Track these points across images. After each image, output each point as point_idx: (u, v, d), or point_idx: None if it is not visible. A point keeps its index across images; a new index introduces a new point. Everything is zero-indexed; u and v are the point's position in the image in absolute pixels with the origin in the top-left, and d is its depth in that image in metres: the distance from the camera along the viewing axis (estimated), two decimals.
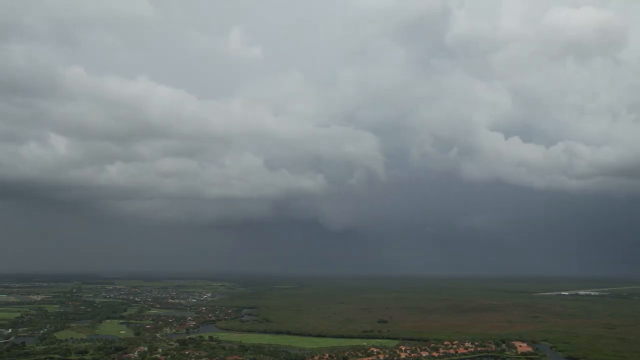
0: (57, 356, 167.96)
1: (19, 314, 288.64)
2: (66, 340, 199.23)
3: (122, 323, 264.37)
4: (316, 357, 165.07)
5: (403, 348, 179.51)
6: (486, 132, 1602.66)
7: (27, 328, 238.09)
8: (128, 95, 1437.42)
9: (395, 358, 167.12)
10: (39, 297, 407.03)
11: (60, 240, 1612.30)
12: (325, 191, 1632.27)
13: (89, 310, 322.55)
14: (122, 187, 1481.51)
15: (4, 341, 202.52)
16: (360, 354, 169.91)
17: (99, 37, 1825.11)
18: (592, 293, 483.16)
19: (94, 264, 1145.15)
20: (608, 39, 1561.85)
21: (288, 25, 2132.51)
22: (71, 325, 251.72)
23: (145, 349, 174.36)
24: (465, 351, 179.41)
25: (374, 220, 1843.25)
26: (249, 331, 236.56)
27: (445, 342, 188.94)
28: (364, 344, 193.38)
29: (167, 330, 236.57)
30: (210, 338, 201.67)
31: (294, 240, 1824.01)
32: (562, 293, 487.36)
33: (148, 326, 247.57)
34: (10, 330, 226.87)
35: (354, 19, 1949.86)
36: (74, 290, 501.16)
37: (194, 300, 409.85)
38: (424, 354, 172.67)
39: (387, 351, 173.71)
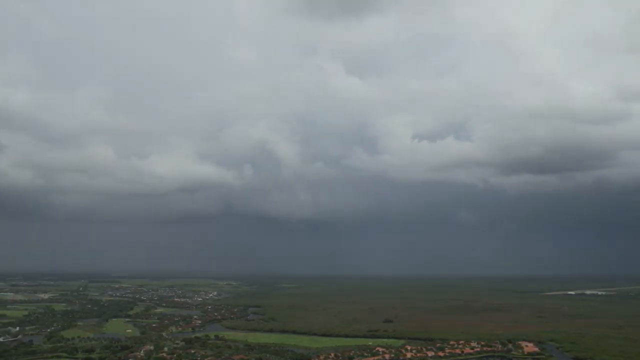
0: (64, 355, 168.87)
1: (26, 313, 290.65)
2: (73, 338, 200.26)
3: (128, 322, 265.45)
4: (322, 357, 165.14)
5: (409, 348, 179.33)
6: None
7: (34, 326, 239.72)
8: None
9: (401, 358, 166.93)
10: (46, 296, 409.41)
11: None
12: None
13: (95, 308, 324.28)
14: None
15: (11, 339, 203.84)
16: (366, 354, 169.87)
17: None
18: (599, 293, 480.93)
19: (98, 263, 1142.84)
20: None
21: None
22: (78, 323, 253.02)
23: (152, 347, 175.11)
24: (471, 351, 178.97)
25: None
26: (255, 330, 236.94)
27: (451, 342, 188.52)
28: (370, 343, 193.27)
29: (173, 329, 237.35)
30: (216, 337, 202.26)
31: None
32: (569, 292, 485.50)
33: (154, 325, 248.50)
34: (17, 329, 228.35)
35: None
36: (81, 288, 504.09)
37: (199, 299, 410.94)
38: (430, 353, 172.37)
39: (392, 351, 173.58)
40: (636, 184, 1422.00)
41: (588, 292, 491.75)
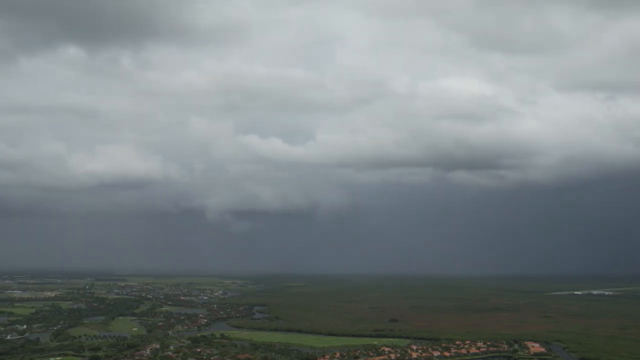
0: (70, 353, 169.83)
1: (33, 310, 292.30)
2: (79, 337, 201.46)
3: (134, 320, 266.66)
4: (327, 356, 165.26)
5: (414, 347, 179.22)
6: None
7: (41, 324, 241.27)
8: None
9: (407, 357, 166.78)
10: (52, 294, 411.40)
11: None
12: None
13: (101, 307, 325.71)
14: None
15: (18, 337, 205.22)
16: (371, 353, 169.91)
17: None
18: (606, 293, 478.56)
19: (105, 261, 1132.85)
20: None
21: None
22: (84, 322, 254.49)
23: (158, 346, 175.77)
24: (477, 351, 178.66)
25: None
26: (260, 329, 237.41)
27: (457, 342, 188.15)
28: (375, 342, 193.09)
29: (179, 327, 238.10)
30: (222, 336, 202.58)
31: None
32: (575, 292, 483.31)
33: (160, 323, 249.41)
34: (25, 326, 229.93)
35: None
36: (87, 286, 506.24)
37: (205, 298, 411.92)
38: (436, 353, 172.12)
39: (398, 350, 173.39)
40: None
41: (595, 292, 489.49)
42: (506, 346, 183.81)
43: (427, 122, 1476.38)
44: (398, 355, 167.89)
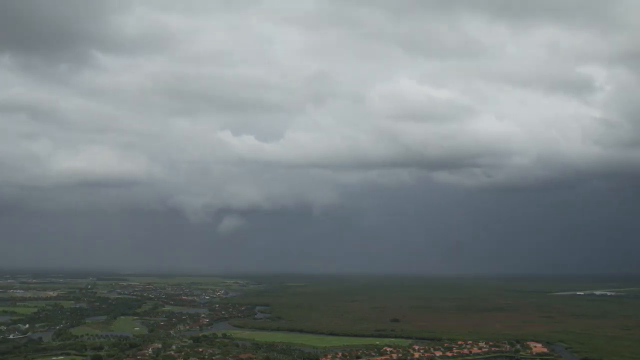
0: (72, 352, 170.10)
1: (35, 310, 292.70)
2: (82, 336, 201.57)
3: (136, 320, 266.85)
4: (329, 356, 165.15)
5: (416, 347, 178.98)
6: None
7: (43, 323, 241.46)
8: None
9: (409, 357, 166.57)
10: (54, 293, 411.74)
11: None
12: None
13: (103, 306, 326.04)
14: None
15: (21, 336, 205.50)
16: (373, 353, 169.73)
17: None
18: (608, 293, 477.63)
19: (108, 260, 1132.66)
20: None
21: None
22: (86, 321, 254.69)
23: (159, 345, 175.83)
24: (479, 351, 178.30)
25: None
26: (262, 329, 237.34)
27: (459, 342, 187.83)
28: (377, 342, 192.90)
29: (181, 327, 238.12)
30: (224, 335, 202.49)
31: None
32: (577, 293, 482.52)
33: (162, 323, 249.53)
34: (27, 326, 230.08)
35: None
36: (89, 286, 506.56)
37: (207, 298, 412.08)
38: (438, 353, 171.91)
39: (400, 350, 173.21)
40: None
41: (597, 292, 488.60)
42: (508, 346, 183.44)
43: (385, 122, 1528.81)
44: (400, 355, 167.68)
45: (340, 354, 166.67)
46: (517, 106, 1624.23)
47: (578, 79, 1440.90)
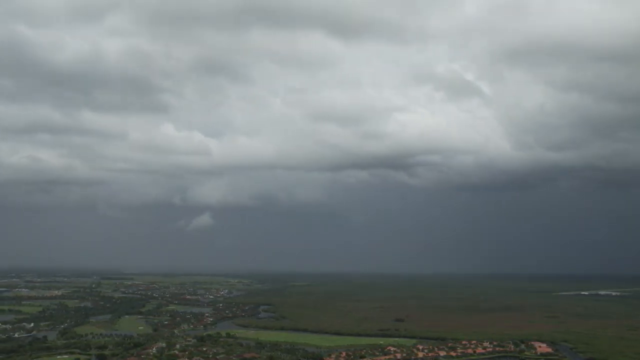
0: (77, 351, 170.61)
1: (40, 309, 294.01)
2: (86, 335, 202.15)
3: (140, 319, 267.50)
4: (333, 355, 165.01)
5: (420, 347, 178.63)
6: None
7: (48, 322, 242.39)
8: None
9: (413, 357, 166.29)
10: (59, 292, 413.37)
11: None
12: None
13: (108, 305, 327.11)
14: None
15: (26, 335, 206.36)
16: (377, 353, 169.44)
17: None
18: (613, 293, 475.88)
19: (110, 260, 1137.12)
20: None
21: None
22: (91, 320, 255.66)
23: (163, 345, 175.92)
24: (483, 351, 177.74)
25: None
26: (266, 328, 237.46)
27: (463, 342, 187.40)
28: (381, 342, 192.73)
29: (185, 326, 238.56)
30: (228, 335, 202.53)
31: None
32: (582, 293, 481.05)
33: (166, 322, 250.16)
34: (32, 325, 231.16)
35: None
36: (94, 285, 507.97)
37: (211, 297, 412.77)
38: (442, 353, 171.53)
39: (404, 350, 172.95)
40: None
41: (602, 292, 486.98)
42: (512, 346, 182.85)
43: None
44: (404, 354, 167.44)
45: (344, 354, 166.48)
46: None
47: None
